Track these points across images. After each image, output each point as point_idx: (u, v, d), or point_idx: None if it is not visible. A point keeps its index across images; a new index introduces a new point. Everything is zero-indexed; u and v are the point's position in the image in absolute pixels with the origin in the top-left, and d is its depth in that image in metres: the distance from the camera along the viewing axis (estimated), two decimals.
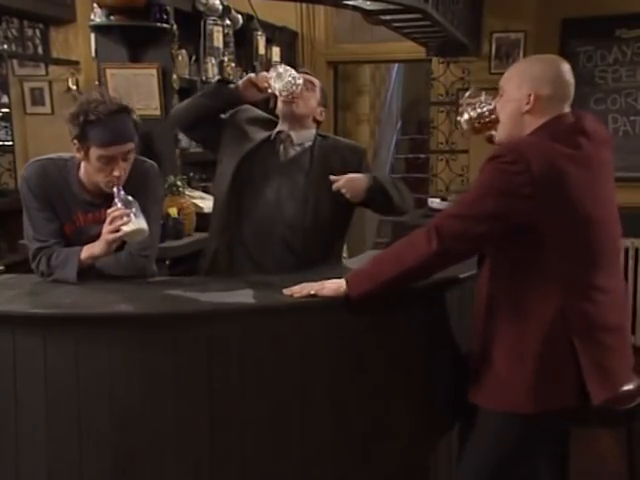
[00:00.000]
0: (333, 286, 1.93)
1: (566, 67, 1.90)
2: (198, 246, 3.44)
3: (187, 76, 4.01)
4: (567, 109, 1.89)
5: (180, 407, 1.88)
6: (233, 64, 4.47)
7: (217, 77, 4.05)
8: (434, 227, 1.83)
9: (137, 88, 3.64)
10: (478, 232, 1.80)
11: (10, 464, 1.90)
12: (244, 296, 2.00)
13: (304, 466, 2.00)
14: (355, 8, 3.00)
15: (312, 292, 1.93)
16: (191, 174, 4.17)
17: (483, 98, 2.07)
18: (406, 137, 8.41)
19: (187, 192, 3.73)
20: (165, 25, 3.58)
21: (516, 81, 1.89)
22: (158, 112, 3.64)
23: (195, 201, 3.72)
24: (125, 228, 2.02)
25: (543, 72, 1.86)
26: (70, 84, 4.72)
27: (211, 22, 4.13)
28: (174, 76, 3.73)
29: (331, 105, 5.95)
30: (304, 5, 5.51)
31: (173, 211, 3.34)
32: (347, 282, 1.92)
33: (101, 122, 2.02)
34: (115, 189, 2.06)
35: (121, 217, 2.02)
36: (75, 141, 2.08)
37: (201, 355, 1.88)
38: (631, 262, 4.60)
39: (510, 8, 4.73)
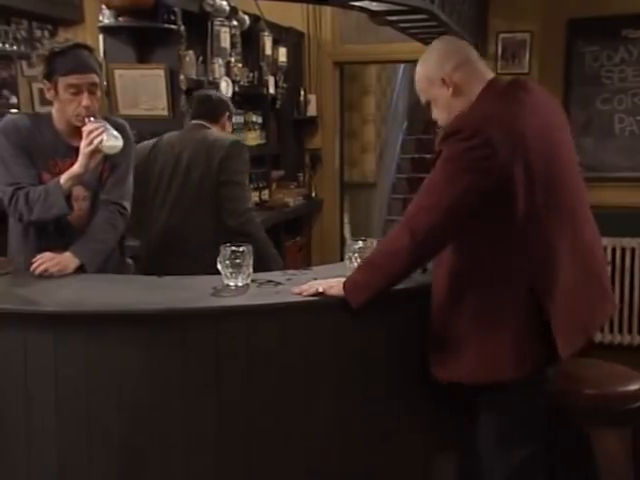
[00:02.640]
0: (339, 286, 1.96)
1: (447, 39, 2.07)
2: None
3: (194, 77, 4.02)
4: (489, 72, 1.95)
5: (188, 405, 1.89)
6: (240, 65, 4.49)
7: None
8: (408, 227, 1.84)
9: (145, 88, 3.65)
10: (452, 225, 1.82)
11: (21, 461, 1.92)
12: (252, 295, 2.01)
13: (310, 464, 2.01)
14: (361, 9, 3.01)
15: (320, 290, 1.96)
16: None
17: None
18: (412, 137, 8.40)
19: None
20: (173, 26, 3.60)
21: (426, 83, 1.97)
22: (165, 112, 3.66)
23: None
24: (102, 137, 2.18)
25: (435, 58, 1.95)
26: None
27: (218, 23, 4.15)
28: (181, 77, 3.75)
29: (337, 105, 5.96)
30: (311, 6, 5.51)
31: None
32: (345, 290, 1.94)
33: (64, 53, 2.22)
34: (86, 120, 2.22)
35: (96, 129, 2.18)
36: (45, 81, 2.25)
37: (209, 353, 1.90)
38: (637, 262, 4.60)
39: (516, 8, 4.71)
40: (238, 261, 2.04)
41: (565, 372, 2.15)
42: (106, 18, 3.43)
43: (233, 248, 2.04)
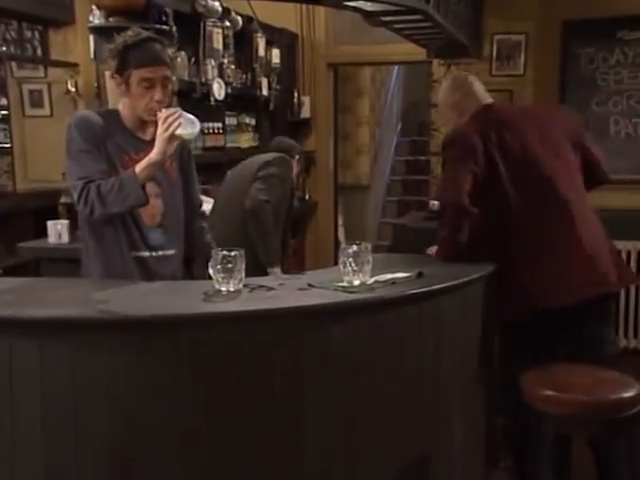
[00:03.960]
0: None
1: (458, 76, 3.02)
2: None
3: (186, 78, 4.00)
4: (486, 97, 2.71)
5: (179, 413, 1.86)
6: (233, 66, 4.47)
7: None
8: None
9: None
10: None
11: (5, 470, 1.87)
12: (244, 300, 1.98)
13: (308, 467, 1.99)
14: (355, 9, 2.98)
15: None
16: None
17: None
18: (406, 139, 8.38)
19: None
20: (164, 27, 3.54)
21: (441, 107, 2.84)
22: None
23: None
24: (179, 121, 2.16)
25: (445, 91, 2.78)
26: (69, 86, 4.70)
27: (210, 24, 4.12)
28: (173, 78, 3.62)
29: (331, 107, 5.96)
30: (304, 7, 5.50)
31: None
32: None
33: (138, 45, 2.21)
34: (158, 114, 2.19)
35: (172, 114, 2.16)
36: (116, 75, 2.24)
37: (201, 360, 1.86)
38: (634, 265, 4.58)
39: (511, 9, 4.71)
40: (230, 266, 2.00)
41: (555, 378, 2.14)
42: (96, 18, 3.39)
43: (224, 252, 2.00)
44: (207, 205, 3.70)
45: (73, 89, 4.68)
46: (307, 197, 5.88)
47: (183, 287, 2.09)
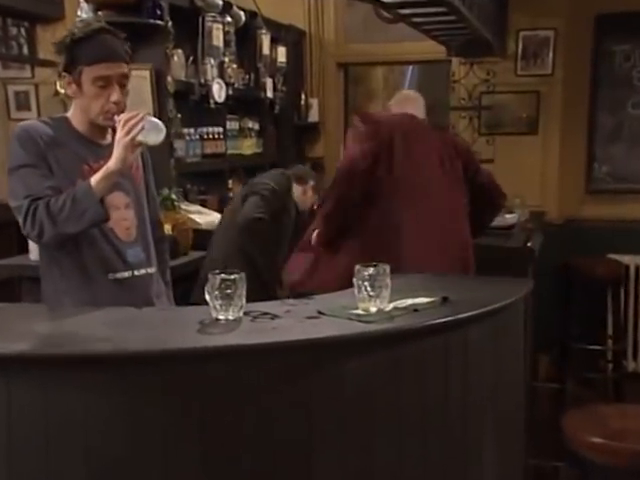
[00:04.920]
0: None
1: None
2: (195, 266, 3.33)
3: (183, 78, 3.94)
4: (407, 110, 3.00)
5: (169, 460, 1.72)
6: (234, 65, 4.41)
7: None
8: None
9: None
10: None
11: None
12: (245, 331, 1.84)
13: None
14: (372, 0, 2.87)
15: None
16: (188, 186, 4.09)
17: None
18: None
19: (183, 206, 3.63)
20: (159, 22, 3.51)
21: None
22: None
23: (192, 216, 3.59)
24: (142, 125, 2.01)
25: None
26: (58, 87, 4.58)
27: (210, 19, 4.05)
28: (169, 79, 3.66)
29: (341, 110, 5.91)
30: (312, 1, 5.47)
31: (167, 228, 3.19)
32: None
33: (89, 38, 2.06)
34: (116, 117, 2.04)
35: (134, 117, 2.01)
36: (64, 74, 2.09)
37: (194, 401, 1.73)
38: None
39: (538, 3, 4.60)
40: (229, 291, 1.86)
41: (604, 422, 1.99)
42: (84, 12, 3.32)
43: (223, 276, 1.86)
44: (204, 218, 3.60)
45: (62, 91, 4.59)
46: (315, 206, 5.77)
47: (175, 315, 1.96)
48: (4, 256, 3.41)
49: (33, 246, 3.17)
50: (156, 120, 2.09)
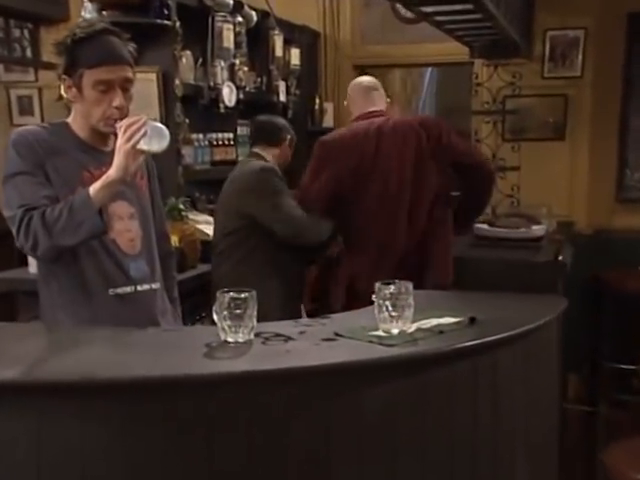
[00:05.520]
0: None
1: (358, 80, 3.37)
2: (203, 280, 3.26)
3: (192, 82, 3.89)
4: (370, 108, 3.12)
5: None
6: (246, 68, 4.35)
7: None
8: None
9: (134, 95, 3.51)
10: None
11: None
12: (256, 356, 1.77)
13: None
14: None
15: None
16: (197, 195, 4.04)
17: None
18: None
19: (191, 216, 3.55)
20: (166, 22, 3.47)
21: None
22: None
23: (200, 227, 3.51)
24: (145, 130, 1.96)
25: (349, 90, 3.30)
26: (62, 91, 4.58)
27: (220, 19, 4.00)
28: (177, 82, 3.62)
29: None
30: (327, 1, 5.43)
31: (174, 239, 3.11)
32: None
33: (91, 40, 2.02)
34: (117, 125, 1.99)
35: (136, 122, 1.96)
36: (64, 77, 2.05)
37: (200, 431, 1.66)
38: None
39: (567, 1, 4.53)
40: (239, 311, 1.79)
41: None
42: (88, 12, 3.28)
43: (232, 295, 1.78)
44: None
45: (66, 95, 4.58)
46: None
47: (180, 337, 1.88)
48: (3, 269, 3.35)
49: (33, 259, 3.11)
50: (160, 125, 2.03)
